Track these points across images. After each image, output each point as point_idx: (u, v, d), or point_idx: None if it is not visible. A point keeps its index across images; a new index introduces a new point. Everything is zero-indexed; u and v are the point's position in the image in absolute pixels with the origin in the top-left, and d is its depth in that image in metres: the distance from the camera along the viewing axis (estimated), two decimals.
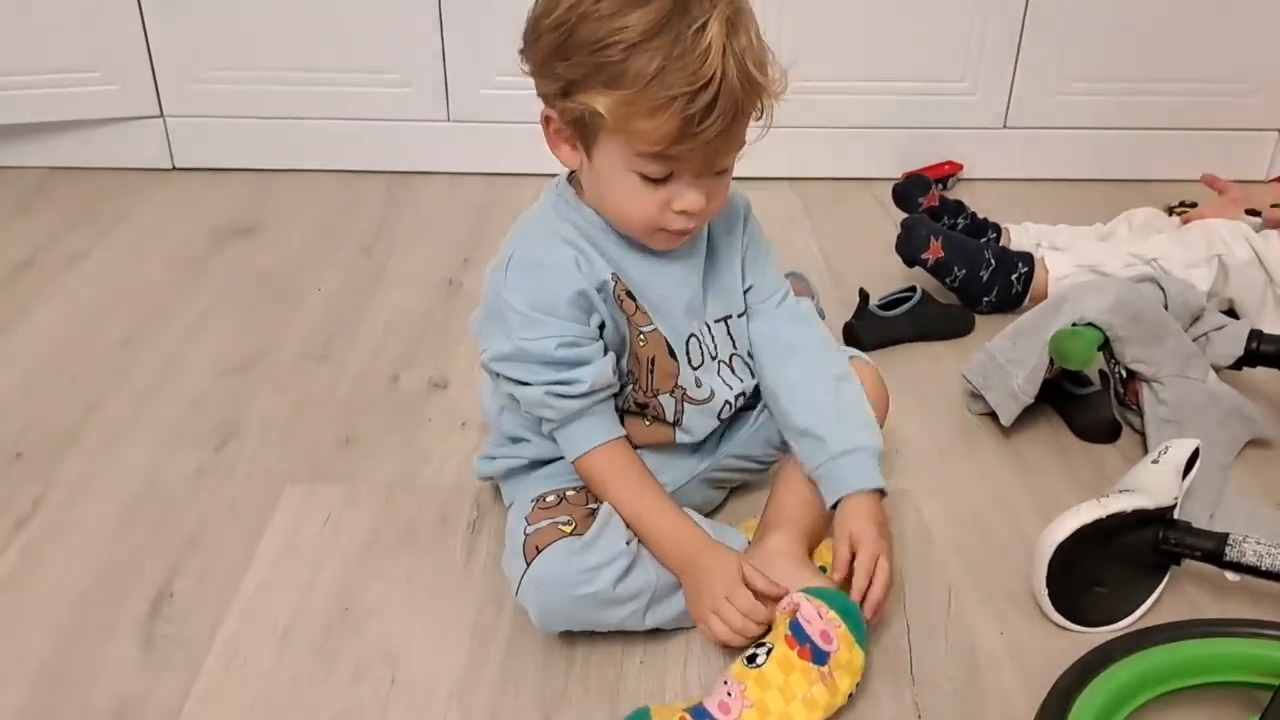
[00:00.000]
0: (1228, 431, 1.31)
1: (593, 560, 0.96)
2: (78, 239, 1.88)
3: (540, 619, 0.98)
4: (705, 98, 0.86)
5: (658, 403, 1.07)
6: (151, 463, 1.28)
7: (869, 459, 1.05)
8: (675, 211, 0.96)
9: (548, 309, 0.98)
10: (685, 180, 0.94)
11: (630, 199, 0.95)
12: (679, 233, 0.98)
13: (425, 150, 2.18)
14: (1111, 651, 0.93)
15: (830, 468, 1.05)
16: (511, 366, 1.00)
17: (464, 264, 1.82)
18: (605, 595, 0.96)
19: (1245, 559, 1.02)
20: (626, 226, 1.00)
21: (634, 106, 0.87)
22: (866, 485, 1.04)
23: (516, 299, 0.99)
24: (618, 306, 1.02)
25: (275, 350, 1.54)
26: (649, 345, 1.04)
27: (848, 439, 1.05)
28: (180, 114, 2.14)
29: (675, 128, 0.87)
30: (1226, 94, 2.16)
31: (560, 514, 1.02)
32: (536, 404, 1.00)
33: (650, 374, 1.05)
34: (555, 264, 0.99)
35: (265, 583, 1.09)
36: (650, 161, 0.92)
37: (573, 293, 0.98)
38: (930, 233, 1.65)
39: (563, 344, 0.98)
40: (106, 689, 0.97)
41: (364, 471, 1.27)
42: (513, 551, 1.00)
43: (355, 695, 0.96)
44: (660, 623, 1.01)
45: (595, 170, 0.96)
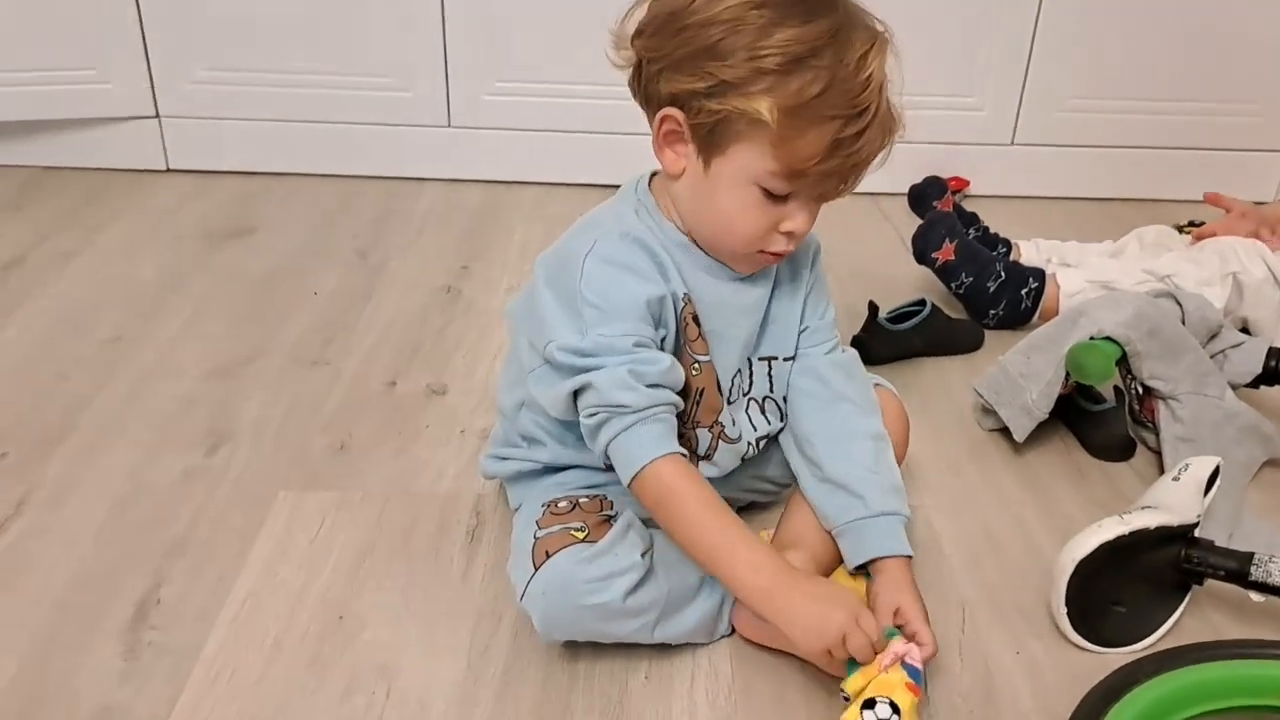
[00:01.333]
0: (1244, 451, 1.28)
1: (605, 569, 0.92)
2: (69, 239, 1.84)
3: (544, 627, 0.94)
4: (860, 124, 0.87)
5: (694, 435, 1.03)
6: (139, 465, 1.24)
7: (899, 525, 1.02)
8: (781, 232, 0.94)
9: (623, 309, 0.94)
10: (801, 202, 0.93)
11: (743, 213, 0.93)
12: (775, 255, 0.97)
13: (425, 156, 2.15)
14: (1134, 675, 0.90)
15: (863, 526, 1.01)
16: (584, 358, 0.94)
17: (463, 271, 1.79)
18: (615, 607, 0.92)
19: (1271, 579, 0.98)
20: (726, 241, 0.97)
21: (797, 118, 0.86)
22: (900, 550, 1.00)
23: (593, 295, 0.94)
24: (681, 328, 0.99)
25: (269, 354, 1.50)
26: (701, 375, 1.01)
27: (883, 502, 1.02)
28: (176, 114, 2.10)
29: (825, 147, 0.87)
30: (1234, 114, 2.15)
31: (573, 520, 0.98)
32: (616, 385, 0.91)
33: (696, 405, 1.02)
34: (633, 264, 0.96)
35: (256, 591, 1.05)
36: (781, 178, 0.90)
37: (651, 298, 0.95)
38: (948, 233, 1.63)
39: (639, 342, 0.94)
40: (87, 699, 0.92)
41: (359, 478, 1.24)
42: (520, 556, 0.97)
43: (348, 710, 0.92)
44: (669, 638, 0.98)
45: (711, 179, 0.92)
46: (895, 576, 0.99)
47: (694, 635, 0.99)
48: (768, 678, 0.98)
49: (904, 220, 2.01)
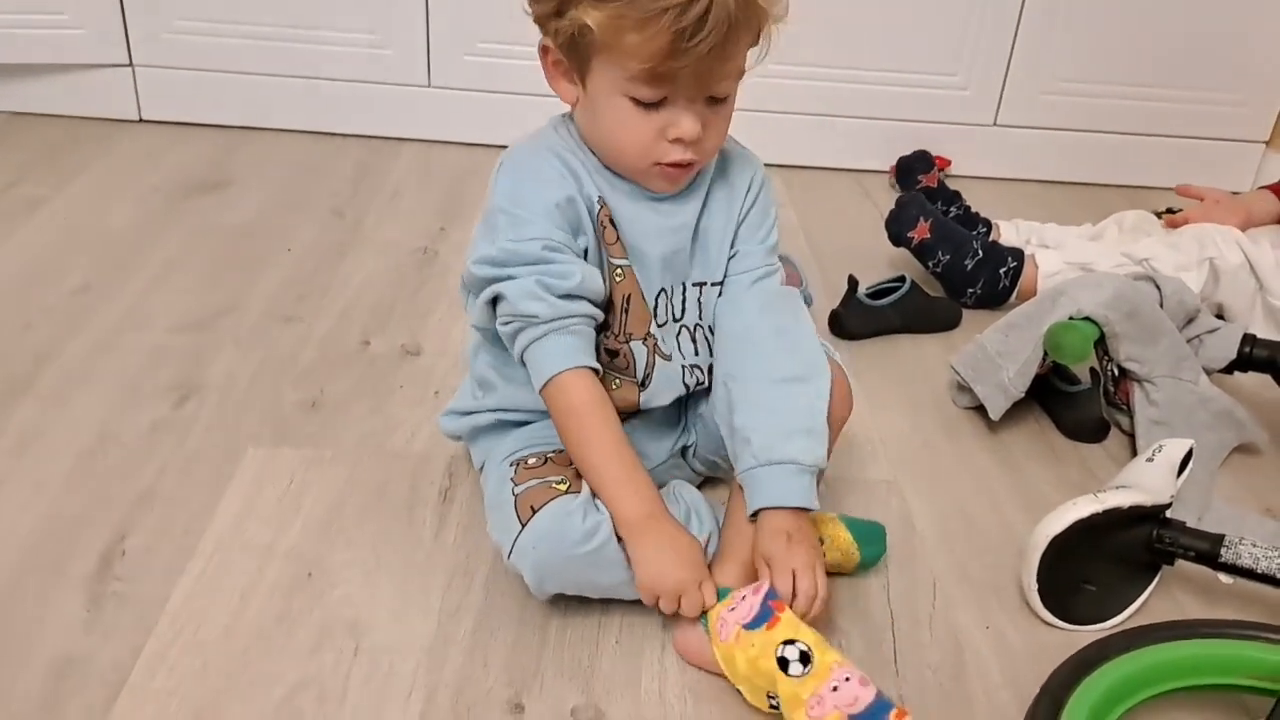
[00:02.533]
0: (1216, 435, 1.29)
1: (593, 518, 0.92)
2: (37, 185, 1.80)
3: (536, 580, 0.93)
4: (697, 10, 0.83)
5: (629, 350, 1.01)
6: (106, 416, 1.22)
7: (796, 474, 0.95)
8: (670, 140, 0.92)
9: (535, 211, 0.94)
10: (680, 105, 0.90)
11: (624, 126, 0.92)
12: (676, 167, 0.94)
13: (403, 115, 2.12)
14: (1106, 650, 0.90)
15: (753, 475, 0.96)
16: (497, 269, 0.95)
17: (440, 233, 1.77)
18: (606, 553, 0.92)
19: (1241, 561, 0.99)
20: (623, 160, 0.96)
21: (624, 19, 0.84)
22: (782, 502, 0.94)
23: (503, 200, 0.96)
24: (599, 232, 0.98)
25: (240, 309, 1.48)
26: (625, 281, 1.00)
27: (776, 449, 0.95)
28: (150, 64, 2.06)
29: (666, 43, 0.84)
30: (1217, 104, 2.16)
31: (550, 473, 0.97)
32: (525, 295, 0.93)
33: (625, 314, 1.00)
34: (544, 171, 0.96)
35: (224, 544, 1.04)
36: (642, 83, 0.88)
37: (560, 197, 0.95)
38: (921, 213, 1.62)
39: (549, 246, 0.94)
40: (49, 648, 0.91)
41: (331, 436, 1.22)
42: (502, 515, 0.96)
43: (315, 664, 0.91)
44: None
45: (590, 99, 0.93)
46: (765, 525, 0.94)
47: None
48: None
49: (885, 197, 2.01)
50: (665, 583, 0.92)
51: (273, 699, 0.88)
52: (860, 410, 1.24)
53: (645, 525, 0.93)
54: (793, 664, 0.86)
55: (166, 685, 0.88)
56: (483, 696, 0.90)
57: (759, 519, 0.95)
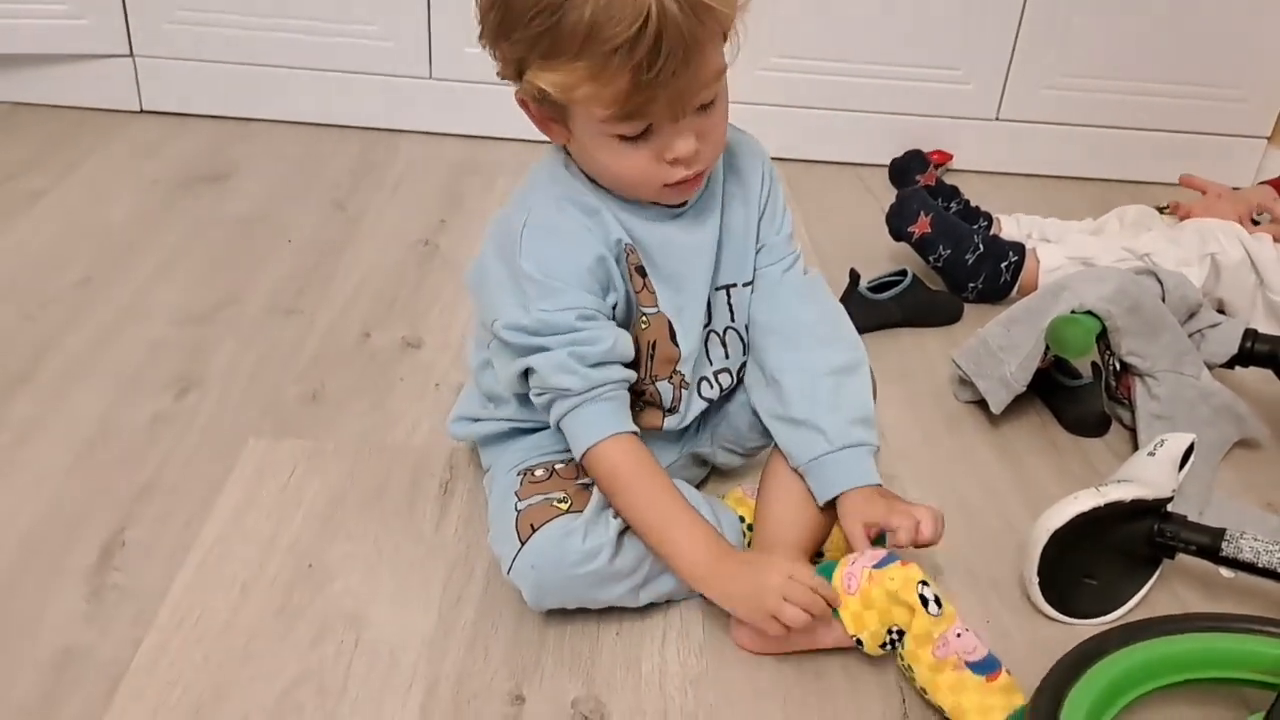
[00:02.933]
0: (1217, 430, 1.29)
1: (593, 540, 0.92)
2: (38, 177, 1.80)
3: (535, 598, 0.93)
4: (646, 40, 0.78)
5: (655, 390, 1.02)
6: (107, 408, 1.22)
7: (866, 456, 0.99)
8: (669, 162, 0.89)
9: (566, 278, 0.92)
10: (667, 130, 0.87)
11: (620, 162, 0.89)
12: (685, 183, 0.91)
13: (405, 107, 2.12)
14: (1106, 643, 0.90)
15: (825, 463, 0.97)
16: (528, 337, 0.93)
17: (440, 225, 1.77)
18: (605, 572, 0.92)
19: (1242, 555, 0.99)
20: (631, 191, 0.93)
21: (575, 73, 0.80)
22: (864, 481, 0.97)
23: (531, 267, 0.92)
24: (626, 282, 0.96)
25: (241, 301, 1.48)
26: (650, 329, 0.99)
27: (846, 434, 0.98)
28: (151, 54, 2.06)
29: (626, 83, 0.80)
30: (1218, 99, 2.15)
31: (553, 489, 0.97)
32: (557, 369, 0.92)
33: (650, 360, 1.00)
34: (570, 229, 0.93)
35: (224, 537, 1.04)
36: (618, 123, 0.85)
37: (591, 260, 0.92)
38: (922, 207, 1.62)
39: (582, 316, 0.92)
40: (50, 640, 0.91)
41: (331, 428, 1.22)
42: (503, 530, 0.95)
43: (316, 657, 0.91)
44: (654, 599, 0.98)
45: (579, 141, 0.90)
46: (856, 501, 0.96)
47: (678, 593, 0.99)
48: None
49: (886, 192, 2.00)
50: (767, 603, 0.90)
51: (273, 691, 0.88)
52: None
53: (708, 576, 0.93)
54: (930, 603, 0.90)
55: (167, 677, 0.88)
56: (484, 688, 0.90)
57: (842, 500, 0.97)
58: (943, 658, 0.89)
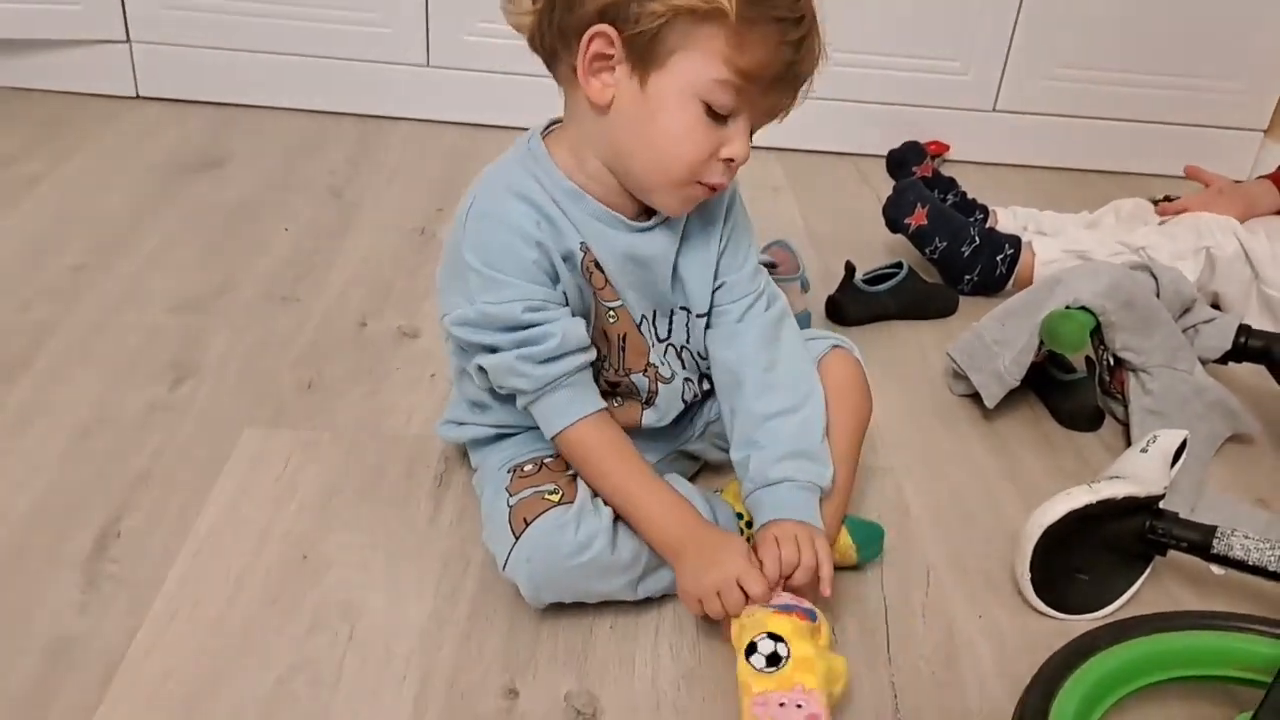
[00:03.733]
0: (1210, 425, 1.29)
1: (586, 529, 0.92)
2: (33, 162, 1.79)
3: (532, 592, 0.93)
4: (801, 29, 0.86)
5: (630, 382, 1.02)
6: (102, 396, 1.22)
7: (791, 490, 0.96)
8: (721, 159, 0.90)
9: (507, 269, 0.91)
10: (741, 123, 0.89)
11: (687, 135, 0.87)
12: (710, 189, 0.92)
13: (402, 95, 2.12)
14: (1097, 640, 0.90)
15: (754, 499, 0.98)
16: (475, 332, 0.93)
17: (437, 214, 1.76)
18: (602, 562, 0.92)
19: (1233, 552, 0.99)
20: (665, 171, 0.90)
21: (751, 9, 0.83)
22: (781, 515, 0.95)
23: (474, 258, 0.91)
24: (585, 279, 0.95)
25: (237, 288, 1.48)
26: (619, 322, 0.99)
27: (771, 472, 0.97)
28: (148, 40, 2.05)
29: (773, 49, 0.85)
30: (1216, 92, 2.15)
31: (543, 481, 0.97)
32: (507, 372, 0.93)
33: (622, 353, 1.00)
34: (513, 219, 0.91)
35: (219, 527, 1.04)
36: (730, 89, 0.85)
37: (533, 251, 0.91)
38: (918, 199, 1.62)
39: (529, 308, 0.91)
40: (44, 629, 0.91)
41: (327, 418, 1.22)
42: (497, 526, 0.96)
43: (310, 647, 0.92)
44: (651, 593, 0.98)
45: (649, 99, 0.86)
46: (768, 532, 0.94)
47: (673, 587, 0.98)
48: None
49: (883, 182, 2.01)
50: (700, 586, 0.91)
51: (267, 681, 0.88)
52: None
53: (682, 547, 0.93)
54: (756, 656, 0.85)
55: (162, 667, 0.88)
56: (477, 681, 0.90)
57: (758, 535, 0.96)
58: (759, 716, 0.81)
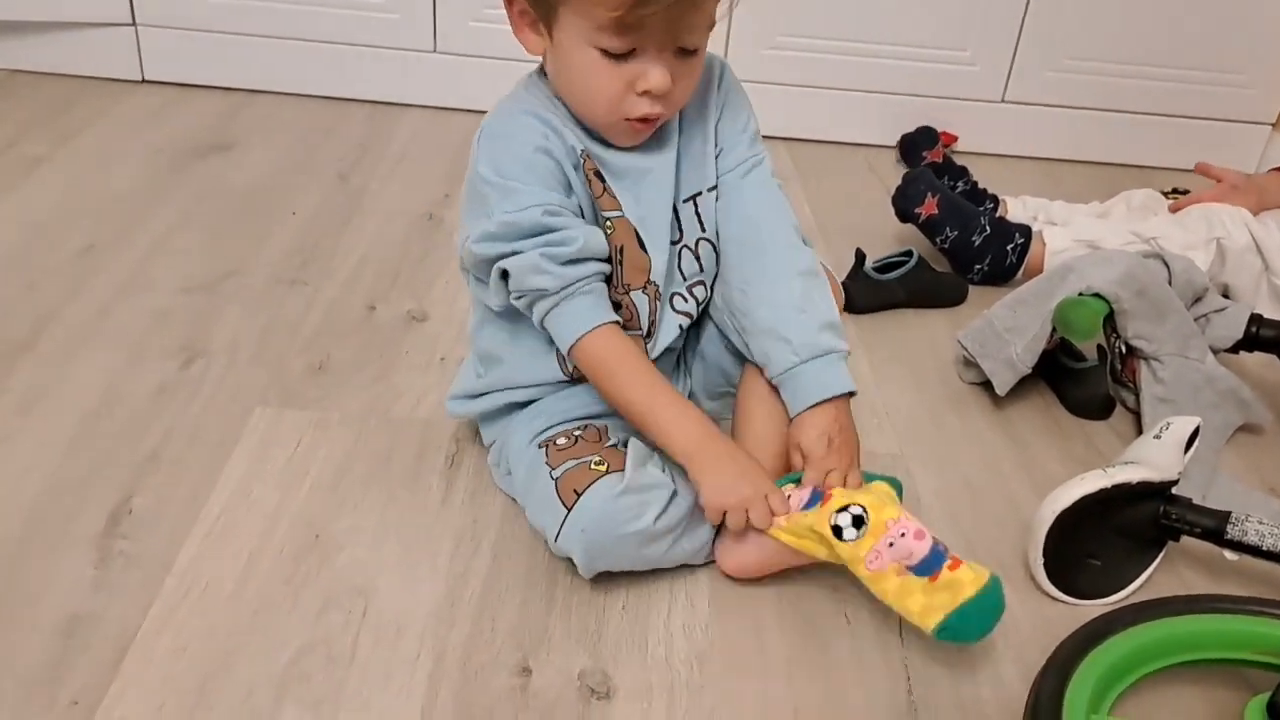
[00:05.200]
0: (1221, 414, 1.29)
1: (639, 497, 0.92)
2: (38, 144, 1.79)
3: (586, 562, 0.94)
4: None
5: (631, 302, 1.01)
6: (111, 376, 1.21)
7: (838, 362, 0.99)
8: (639, 93, 0.90)
9: (522, 176, 0.93)
10: (650, 57, 0.89)
11: (594, 78, 0.90)
12: (643, 121, 0.93)
13: (409, 80, 2.11)
14: (1111, 624, 0.90)
15: (798, 372, 0.99)
16: (497, 244, 0.94)
17: (445, 199, 1.76)
18: (651, 530, 0.92)
19: (1247, 538, 0.99)
20: (591, 114, 0.94)
21: None
22: (831, 393, 0.98)
23: (488, 170, 0.94)
24: (585, 185, 0.97)
25: (246, 271, 1.47)
26: (617, 232, 0.99)
27: (815, 343, 0.99)
28: (154, 23, 2.04)
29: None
30: (1224, 85, 2.15)
31: (585, 453, 0.97)
32: (530, 270, 0.93)
33: (620, 266, 1.00)
34: (522, 131, 0.95)
35: (230, 506, 1.04)
36: (610, 33, 0.87)
37: (544, 158, 0.94)
38: (929, 189, 1.62)
39: (547, 211, 0.93)
40: (57, 607, 0.91)
41: (337, 400, 1.22)
42: (543, 501, 0.96)
43: (323, 627, 0.91)
44: (688, 553, 0.98)
45: (557, 51, 0.92)
46: (807, 422, 0.98)
47: (701, 552, 0.99)
48: (743, 614, 0.98)
49: (891, 172, 2.00)
50: (730, 498, 0.94)
51: (281, 660, 0.88)
52: (866, 384, 1.25)
53: (702, 449, 0.95)
54: (846, 529, 0.90)
55: (174, 645, 0.88)
56: (490, 660, 0.90)
57: (802, 417, 0.98)
58: (879, 569, 0.90)
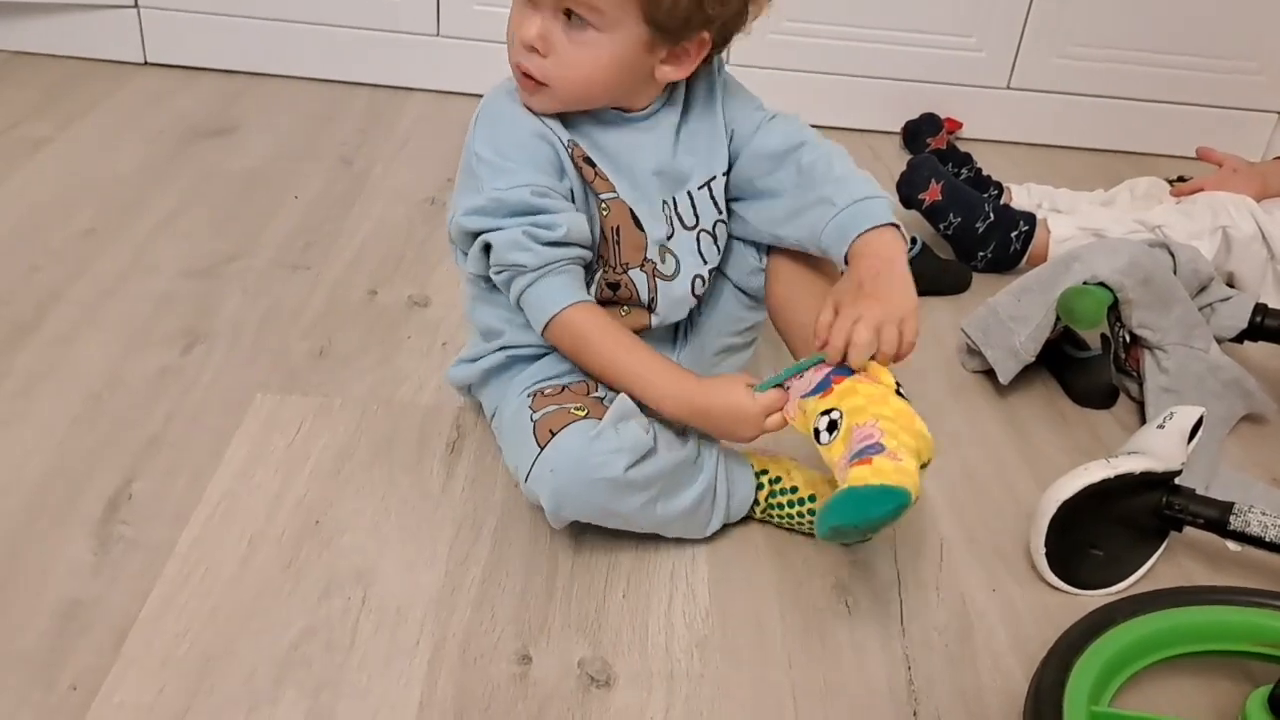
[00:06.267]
0: (1225, 404, 1.29)
1: (612, 443, 0.92)
2: (41, 126, 1.78)
3: (553, 505, 0.93)
4: None
5: (629, 280, 1.03)
6: (113, 360, 1.21)
7: (877, 204, 0.98)
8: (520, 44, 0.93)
9: (516, 156, 0.95)
10: (536, 7, 0.92)
11: (508, 26, 0.95)
12: (523, 75, 0.95)
13: (412, 65, 2.10)
14: (1112, 615, 0.90)
15: (838, 221, 0.97)
16: (484, 219, 0.96)
17: (447, 184, 1.75)
18: (623, 479, 0.92)
19: (1250, 529, 0.99)
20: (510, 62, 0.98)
21: None
22: (869, 223, 0.96)
23: (483, 148, 0.97)
24: (577, 173, 0.98)
25: (248, 255, 1.47)
26: (612, 214, 1.00)
27: (853, 192, 0.98)
28: (156, 5, 2.03)
29: None
30: (1232, 72, 2.13)
31: (568, 400, 0.98)
32: (511, 246, 0.95)
33: (617, 246, 1.01)
34: (519, 117, 0.97)
35: (231, 491, 1.04)
36: None
37: (539, 141, 0.96)
38: (932, 174, 1.61)
39: (536, 192, 0.95)
40: (55, 590, 0.91)
41: (338, 385, 1.21)
42: (519, 440, 0.96)
43: (324, 612, 0.91)
44: (668, 518, 0.98)
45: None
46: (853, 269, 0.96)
47: (690, 521, 0.99)
48: (744, 602, 0.98)
49: (895, 159, 2.00)
50: (750, 428, 0.97)
51: (281, 645, 0.88)
52: None
53: (693, 410, 0.97)
54: (822, 433, 0.91)
55: (174, 629, 0.88)
56: (490, 648, 0.90)
57: (849, 263, 0.97)
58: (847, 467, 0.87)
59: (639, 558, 1.00)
